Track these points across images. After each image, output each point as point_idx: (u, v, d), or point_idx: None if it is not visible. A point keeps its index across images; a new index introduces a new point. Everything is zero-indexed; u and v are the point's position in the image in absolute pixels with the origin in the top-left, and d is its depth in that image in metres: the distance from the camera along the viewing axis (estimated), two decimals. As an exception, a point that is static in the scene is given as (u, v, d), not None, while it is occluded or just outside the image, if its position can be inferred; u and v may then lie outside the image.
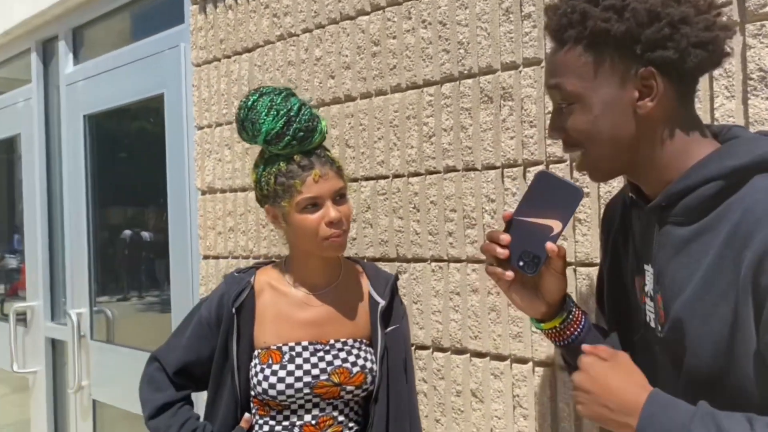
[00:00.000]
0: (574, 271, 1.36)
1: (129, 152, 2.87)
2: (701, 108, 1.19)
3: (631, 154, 0.91)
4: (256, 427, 1.42)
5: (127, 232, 2.85)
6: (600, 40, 0.88)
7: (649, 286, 0.95)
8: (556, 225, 0.95)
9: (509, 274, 0.98)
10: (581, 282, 1.35)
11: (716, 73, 1.17)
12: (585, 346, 0.93)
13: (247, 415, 1.43)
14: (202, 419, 1.47)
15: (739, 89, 1.15)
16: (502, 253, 0.97)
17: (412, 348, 1.61)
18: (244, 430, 1.42)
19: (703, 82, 1.19)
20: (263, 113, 1.34)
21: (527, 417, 1.43)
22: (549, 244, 0.95)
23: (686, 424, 0.80)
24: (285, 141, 1.34)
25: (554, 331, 1.04)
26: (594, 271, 1.32)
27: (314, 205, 1.35)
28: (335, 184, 1.37)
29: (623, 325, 1.05)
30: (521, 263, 0.96)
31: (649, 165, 0.92)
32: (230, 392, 1.42)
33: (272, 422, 1.40)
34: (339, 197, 1.38)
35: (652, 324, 0.96)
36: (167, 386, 1.45)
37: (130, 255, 2.89)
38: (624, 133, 0.90)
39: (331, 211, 1.35)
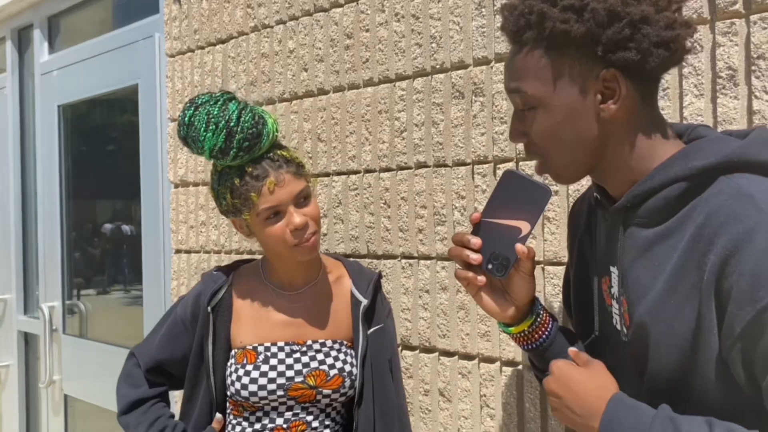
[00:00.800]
0: (543, 270, 1.34)
1: (104, 144, 2.82)
2: (670, 106, 1.17)
3: (594, 157, 0.89)
4: (229, 428, 1.39)
5: (108, 226, 2.80)
6: (560, 41, 0.85)
7: (614, 289, 0.94)
8: (524, 226, 0.92)
9: (481, 279, 0.95)
10: (549, 281, 1.34)
11: (685, 71, 1.16)
12: (571, 349, 0.93)
13: (218, 415, 1.40)
14: (177, 418, 1.45)
15: (708, 88, 1.14)
16: (476, 259, 0.94)
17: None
18: (215, 431, 1.39)
19: (673, 80, 1.18)
20: (202, 129, 1.26)
21: (494, 417, 1.41)
22: (519, 246, 0.92)
23: (645, 428, 0.79)
24: (231, 154, 1.26)
25: (522, 335, 1.01)
26: (562, 271, 1.31)
27: (276, 213, 1.29)
28: (294, 188, 1.30)
29: (584, 327, 1.03)
30: (490, 266, 0.94)
31: (613, 167, 0.90)
32: (206, 392, 1.40)
33: (245, 423, 1.36)
34: (302, 199, 1.32)
35: (618, 326, 0.94)
36: (142, 383, 1.42)
37: (104, 249, 2.85)
38: (587, 138, 0.87)
39: (295, 218, 1.29)
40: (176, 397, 1.57)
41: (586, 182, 1.27)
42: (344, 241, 1.71)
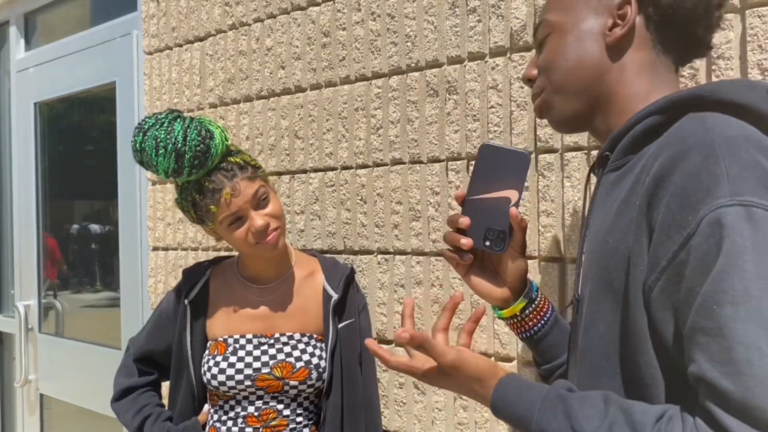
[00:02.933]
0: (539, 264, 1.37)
1: (82, 142, 2.80)
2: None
3: (592, 89, 0.85)
4: (209, 415, 1.45)
5: (76, 226, 2.79)
6: None
7: (579, 248, 0.87)
8: (512, 194, 0.90)
9: (468, 257, 0.92)
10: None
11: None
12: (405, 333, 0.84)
13: (206, 407, 1.47)
14: (167, 407, 1.52)
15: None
16: (465, 244, 0.90)
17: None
18: (199, 423, 1.45)
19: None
20: (153, 154, 1.29)
21: (467, 408, 1.44)
22: (513, 210, 0.90)
23: (532, 408, 0.74)
24: (185, 173, 1.30)
25: (516, 321, 0.98)
26: (559, 266, 1.34)
27: (238, 219, 1.35)
28: (250, 192, 1.34)
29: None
30: (487, 243, 0.91)
31: (608, 108, 0.85)
32: (187, 381, 1.46)
33: (221, 411, 1.43)
34: (261, 201, 1.36)
35: (576, 293, 0.87)
36: (134, 372, 1.51)
37: (80, 248, 2.83)
38: (589, 61, 0.85)
39: (256, 222, 1.34)
40: (166, 386, 1.64)
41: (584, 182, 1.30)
42: (321, 237, 1.73)
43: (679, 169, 0.67)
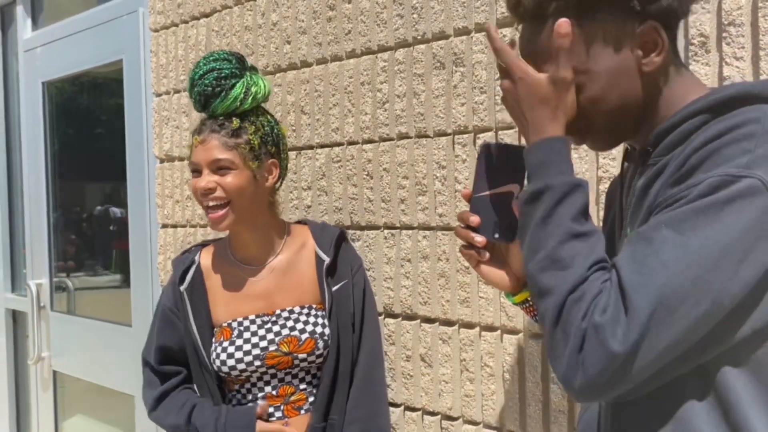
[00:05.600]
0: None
1: (90, 124, 2.81)
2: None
3: (637, 114, 0.85)
4: (226, 401, 1.44)
5: (99, 209, 2.80)
6: (590, 5, 0.79)
7: (622, 237, 0.89)
8: (514, 188, 0.95)
9: (485, 254, 0.97)
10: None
11: (659, 38, 1.18)
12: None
13: (261, 402, 1.41)
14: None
15: (681, 55, 1.16)
16: (479, 241, 0.95)
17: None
18: (254, 409, 1.39)
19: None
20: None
21: (473, 380, 1.45)
22: (516, 203, 0.93)
23: (557, 175, 0.79)
24: (193, 102, 1.40)
25: (527, 305, 1.01)
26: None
27: (195, 170, 1.38)
28: (213, 154, 1.34)
29: None
30: (497, 235, 0.96)
31: (649, 120, 0.85)
32: (205, 369, 1.42)
33: (239, 396, 1.43)
34: (218, 169, 1.35)
35: None
36: (158, 383, 1.46)
37: (93, 231, 2.85)
38: (632, 97, 0.83)
39: (201, 180, 1.35)
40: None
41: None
42: (328, 213, 1.73)
43: (722, 138, 0.71)
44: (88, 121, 2.81)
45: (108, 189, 2.75)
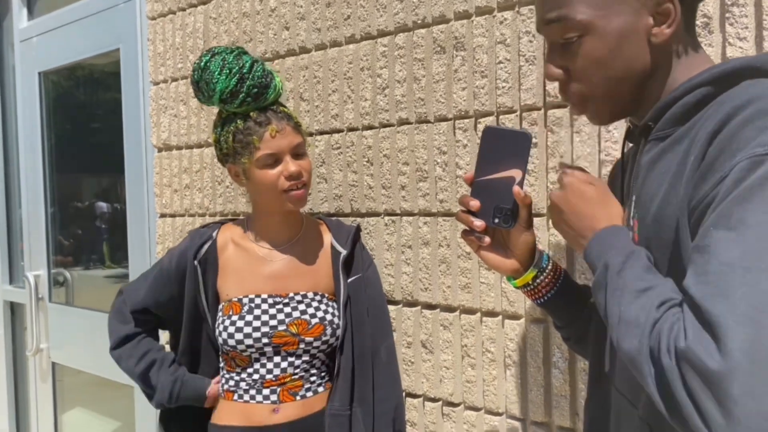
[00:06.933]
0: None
1: (87, 113, 2.79)
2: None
3: (639, 90, 0.83)
4: (223, 381, 1.46)
5: (101, 204, 2.79)
6: None
7: (630, 213, 0.87)
8: (516, 173, 0.95)
9: (486, 239, 0.97)
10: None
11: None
12: (564, 167, 0.90)
13: (213, 382, 1.47)
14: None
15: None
16: (479, 225, 0.96)
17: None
18: (206, 385, 1.47)
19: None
20: (216, 72, 1.34)
21: (474, 366, 1.44)
22: (516, 188, 0.94)
23: (610, 251, 0.78)
24: (240, 98, 1.35)
25: (529, 288, 1.02)
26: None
27: (274, 160, 1.37)
28: (293, 139, 1.39)
29: None
30: (496, 220, 0.96)
31: (652, 95, 0.84)
32: (207, 341, 1.48)
33: (237, 377, 1.43)
34: (297, 153, 1.40)
35: None
36: (130, 319, 1.51)
37: (91, 220, 2.84)
38: (637, 66, 0.81)
39: (290, 165, 1.38)
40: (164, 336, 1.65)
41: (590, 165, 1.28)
42: (328, 200, 1.72)
43: (732, 122, 0.69)
44: (85, 113, 2.79)
45: (105, 182, 2.73)
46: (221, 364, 1.47)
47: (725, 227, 0.65)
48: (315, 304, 1.43)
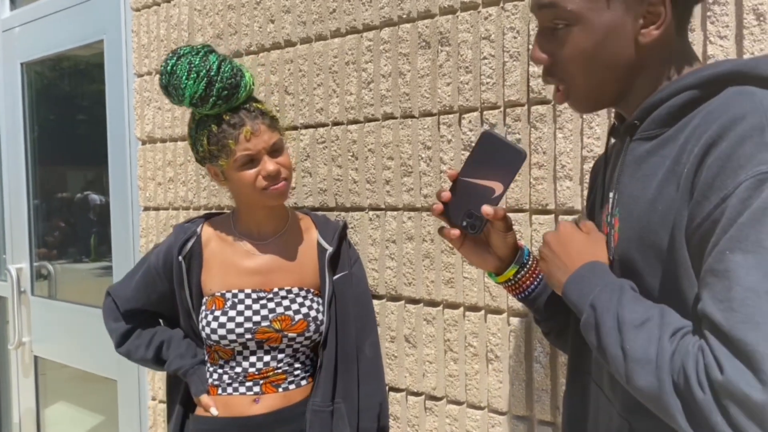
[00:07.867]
0: (530, 218, 1.36)
1: (70, 105, 2.76)
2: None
3: (621, 85, 0.84)
4: (207, 375, 1.46)
5: (80, 195, 2.76)
6: None
7: (609, 210, 0.89)
8: (497, 187, 0.94)
9: (455, 232, 0.96)
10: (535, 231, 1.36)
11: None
12: (583, 222, 0.91)
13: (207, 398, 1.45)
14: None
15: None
16: (437, 209, 0.96)
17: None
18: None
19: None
20: (183, 77, 1.31)
21: (457, 360, 1.45)
22: (484, 208, 0.94)
23: (594, 290, 0.78)
24: (210, 102, 1.32)
25: (510, 284, 1.02)
26: (549, 220, 1.34)
27: (251, 161, 1.36)
28: (269, 138, 1.37)
29: None
30: (464, 223, 0.96)
31: (635, 91, 0.85)
32: (194, 335, 1.49)
33: (220, 370, 1.43)
34: (274, 151, 1.39)
35: (610, 254, 0.89)
36: (121, 317, 1.51)
37: (75, 214, 2.81)
38: (621, 63, 0.82)
39: (268, 164, 1.37)
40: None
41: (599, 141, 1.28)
42: (312, 195, 1.72)
43: (727, 137, 0.69)
44: (68, 105, 2.76)
45: (90, 175, 2.71)
46: (205, 358, 1.47)
47: (742, 251, 0.65)
48: (299, 299, 1.43)
